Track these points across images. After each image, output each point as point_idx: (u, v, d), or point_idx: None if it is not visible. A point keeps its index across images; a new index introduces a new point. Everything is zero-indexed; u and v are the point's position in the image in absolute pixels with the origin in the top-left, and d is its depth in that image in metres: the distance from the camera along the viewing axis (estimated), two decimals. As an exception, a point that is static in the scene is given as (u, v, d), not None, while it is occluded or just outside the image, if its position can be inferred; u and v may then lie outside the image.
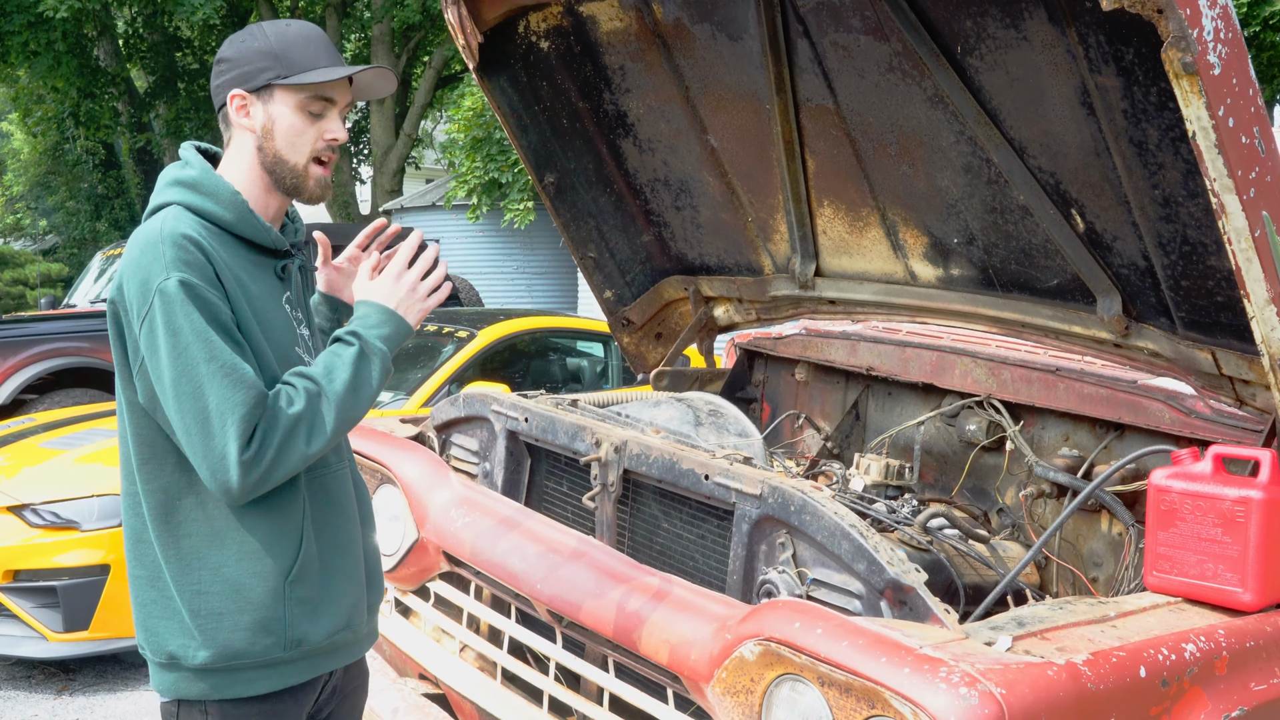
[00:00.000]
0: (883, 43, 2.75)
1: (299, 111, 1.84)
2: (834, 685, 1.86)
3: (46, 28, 15.19)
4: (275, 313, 1.87)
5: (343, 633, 1.91)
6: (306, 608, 1.83)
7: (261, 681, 1.82)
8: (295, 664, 1.85)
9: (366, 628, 2.00)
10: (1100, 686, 1.85)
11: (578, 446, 2.83)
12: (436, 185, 17.11)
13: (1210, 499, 2.16)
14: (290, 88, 1.83)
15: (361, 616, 1.96)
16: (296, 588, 1.82)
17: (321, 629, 1.86)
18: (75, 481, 4.55)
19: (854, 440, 3.68)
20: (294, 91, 1.84)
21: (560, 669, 2.60)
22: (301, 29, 1.86)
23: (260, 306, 1.82)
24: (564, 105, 3.57)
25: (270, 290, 1.88)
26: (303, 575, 1.83)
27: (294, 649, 1.83)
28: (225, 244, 1.81)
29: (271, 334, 1.83)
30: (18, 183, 25.48)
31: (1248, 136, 1.98)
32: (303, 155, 1.86)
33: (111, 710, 4.28)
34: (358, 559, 1.96)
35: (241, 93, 1.83)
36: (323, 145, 1.87)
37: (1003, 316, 3.09)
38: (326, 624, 1.87)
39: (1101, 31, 2.27)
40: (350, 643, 1.96)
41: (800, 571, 2.29)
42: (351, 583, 1.93)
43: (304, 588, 1.83)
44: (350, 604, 1.92)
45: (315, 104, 1.85)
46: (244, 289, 1.79)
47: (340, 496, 1.94)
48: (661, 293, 3.99)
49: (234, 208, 1.83)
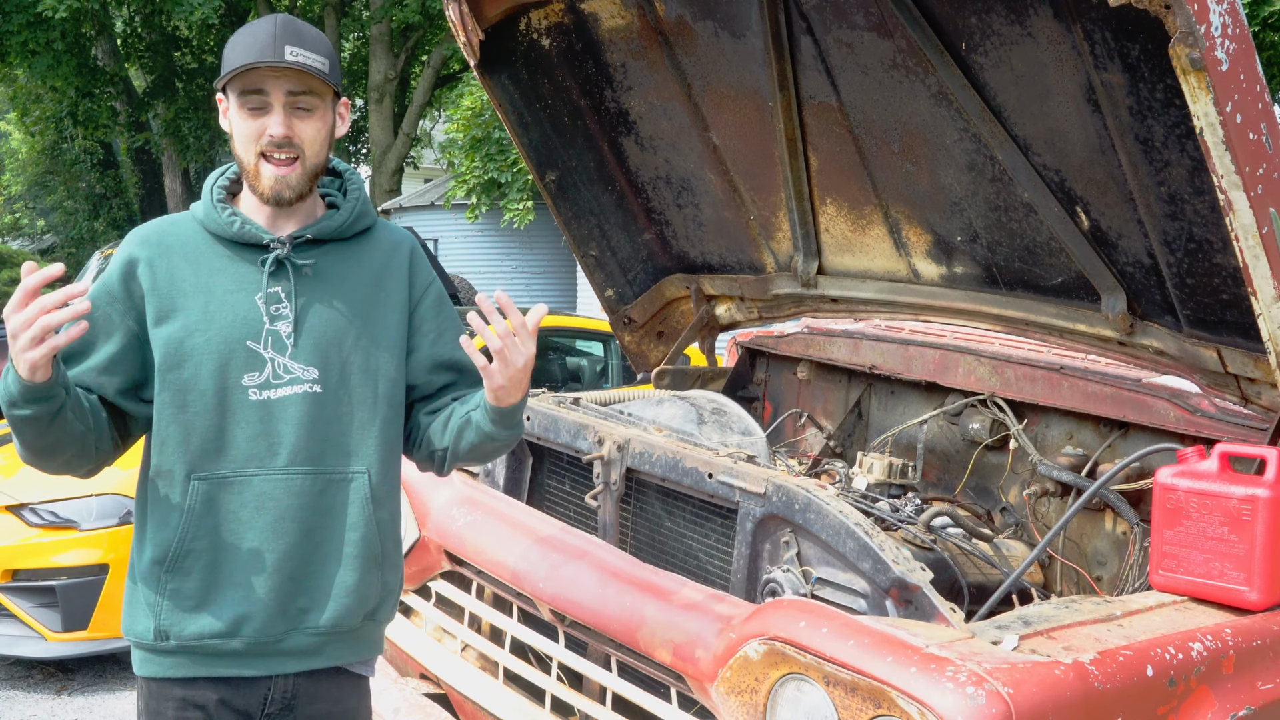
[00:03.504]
0: (886, 39, 2.74)
1: (241, 110, 1.84)
2: (839, 685, 1.85)
3: (46, 27, 15.18)
4: (233, 304, 1.86)
5: (225, 640, 1.83)
6: (177, 600, 1.83)
7: (147, 665, 1.88)
8: (173, 656, 1.86)
9: (289, 643, 1.88)
10: (1107, 686, 1.84)
11: (580, 445, 2.82)
12: (435, 185, 17.10)
13: (1216, 497, 2.15)
14: (231, 88, 1.84)
15: (257, 627, 1.84)
16: (172, 579, 1.83)
17: (194, 627, 1.82)
18: (74, 481, 4.52)
19: (856, 439, 3.67)
20: (232, 91, 1.85)
21: (562, 668, 2.58)
22: (254, 24, 1.84)
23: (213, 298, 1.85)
24: (565, 103, 3.56)
25: (237, 282, 1.87)
26: (178, 568, 1.83)
27: (163, 639, 1.84)
28: (202, 238, 1.89)
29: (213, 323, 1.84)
30: (16, 182, 25.47)
31: (1255, 133, 1.97)
32: (251, 154, 1.85)
33: (110, 710, 4.27)
34: (271, 571, 1.84)
35: (221, 97, 1.89)
36: (265, 141, 1.83)
37: (1006, 314, 3.08)
38: (202, 625, 1.82)
39: (1107, 27, 2.26)
40: (244, 653, 1.85)
41: (805, 570, 2.28)
42: (247, 592, 1.83)
43: (180, 581, 1.83)
44: (239, 613, 1.83)
45: (250, 99, 1.83)
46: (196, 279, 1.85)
47: (258, 504, 1.84)
48: (663, 291, 3.98)
49: (204, 206, 1.91)
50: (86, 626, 4.30)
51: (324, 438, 1.87)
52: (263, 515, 1.85)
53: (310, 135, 1.85)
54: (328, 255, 1.93)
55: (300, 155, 1.85)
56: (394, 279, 1.99)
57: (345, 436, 1.90)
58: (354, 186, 2.01)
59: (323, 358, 1.88)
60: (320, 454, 1.88)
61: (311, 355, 1.87)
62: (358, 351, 1.92)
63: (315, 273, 1.91)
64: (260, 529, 1.85)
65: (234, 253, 1.88)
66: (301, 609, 1.88)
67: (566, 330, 6.67)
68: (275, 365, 1.85)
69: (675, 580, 2.38)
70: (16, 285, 1.76)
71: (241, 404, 1.84)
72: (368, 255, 1.98)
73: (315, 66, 1.82)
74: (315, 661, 1.92)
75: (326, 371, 1.88)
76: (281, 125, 1.82)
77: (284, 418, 1.84)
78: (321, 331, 1.89)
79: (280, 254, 1.88)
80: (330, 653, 1.94)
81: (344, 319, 1.91)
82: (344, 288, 1.93)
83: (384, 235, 2.02)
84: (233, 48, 1.84)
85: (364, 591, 1.93)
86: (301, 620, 1.88)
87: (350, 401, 1.91)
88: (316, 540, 1.89)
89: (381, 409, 1.94)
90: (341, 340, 1.91)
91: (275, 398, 1.85)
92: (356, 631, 1.96)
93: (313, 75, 1.82)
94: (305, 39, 1.83)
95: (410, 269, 2.02)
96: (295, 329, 1.87)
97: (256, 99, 1.82)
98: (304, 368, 1.87)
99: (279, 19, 1.85)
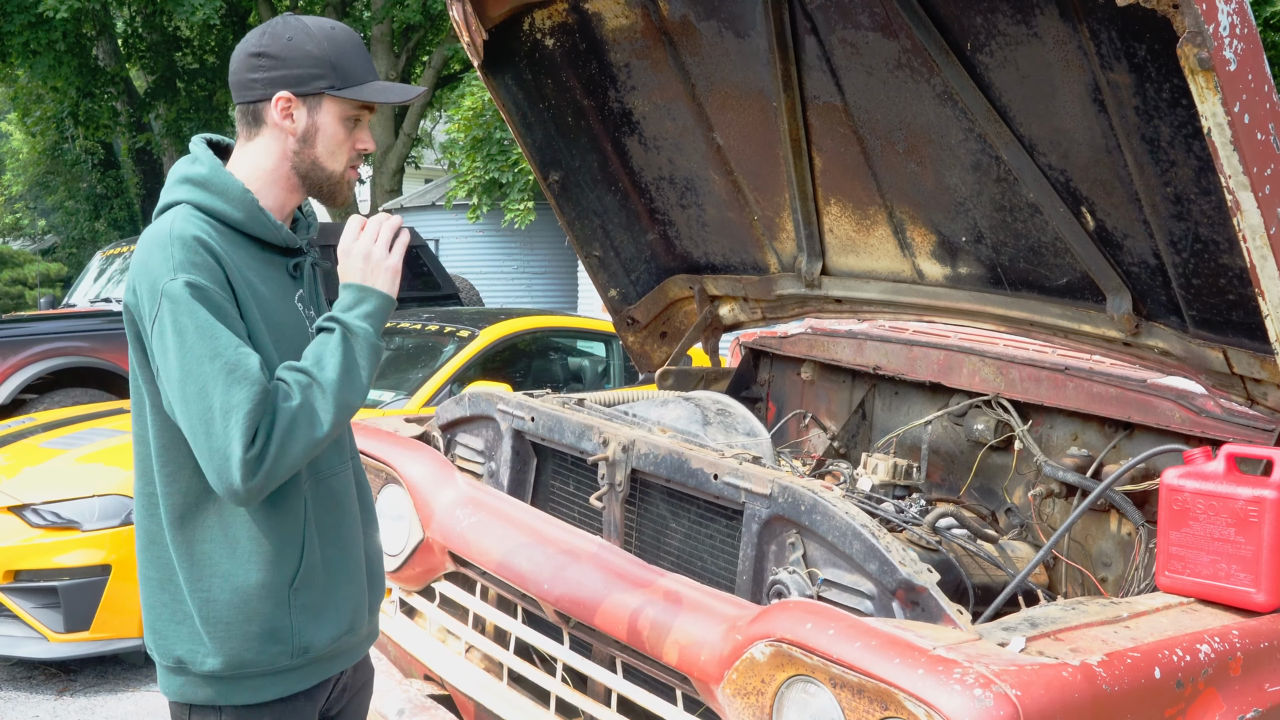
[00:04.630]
0: (891, 39, 2.74)
1: (342, 122, 1.85)
2: (846, 687, 1.84)
3: (47, 28, 15.17)
4: (287, 312, 1.85)
5: (347, 636, 1.91)
6: (311, 614, 1.83)
7: (270, 688, 1.82)
8: (302, 670, 1.85)
9: (368, 628, 2.00)
10: (1115, 688, 1.83)
11: (585, 446, 2.81)
12: (436, 185, 17.11)
13: (1223, 499, 2.15)
14: (340, 99, 1.83)
15: (364, 618, 1.96)
16: (301, 595, 1.81)
17: (326, 634, 1.86)
18: (76, 481, 4.53)
19: (861, 440, 3.66)
20: (342, 103, 1.84)
21: (567, 670, 2.58)
22: (348, 36, 1.85)
23: (271, 307, 1.80)
24: (569, 103, 3.56)
25: (282, 289, 1.86)
26: (306, 582, 1.82)
27: (301, 656, 1.82)
28: (235, 243, 1.79)
29: (282, 334, 1.81)
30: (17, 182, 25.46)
31: (1263, 133, 1.97)
32: (340, 164, 1.87)
33: (113, 711, 4.26)
34: (359, 561, 1.95)
35: (289, 95, 1.81)
36: (355, 154, 1.89)
37: (1011, 315, 3.07)
38: (331, 629, 1.87)
39: (1114, 27, 2.25)
40: (354, 645, 1.96)
41: (811, 572, 2.27)
42: (354, 586, 1.92)
43: (308, 594, 1.83)
44: (353, 607, 1.92)
45: (356, 114, 1.86)
46: (253, 290, 1.77)
47: (343, 499, 1.93)
48: (666, 291, 3.97)
49: (244, 206, 1.80)
50: (89, 627, 4.30)
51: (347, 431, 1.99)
52: (351, 506, 1.95)
53: None
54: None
55: None
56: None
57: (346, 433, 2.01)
58: None
59: None
60: (350, 446, 2.00)
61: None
62: None
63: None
64: (351, 520, 1.94)
65: (265, 256, 1.85)
66: (375, 593, 2.00)
67: (568, 330, 6.66)
68: None
69: (680, 582, 2.38)
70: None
71: None
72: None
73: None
74: (373, 641, 2.05)
75: None
76: (372, 140, 1.90)
77: None
78: None
79: (314, 259, 1.95)
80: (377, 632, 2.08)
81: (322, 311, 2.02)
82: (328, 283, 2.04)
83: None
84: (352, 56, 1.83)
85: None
86: (375, 603, 2.01)
87: None
88: (369, 526, 2.02)
89: None
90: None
91: None
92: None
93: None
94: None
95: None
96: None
97: (363, 115, 1.87)
98: None
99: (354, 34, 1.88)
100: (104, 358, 7.33)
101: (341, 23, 1.90)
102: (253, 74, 1.81)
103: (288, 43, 1.80)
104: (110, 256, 9.00)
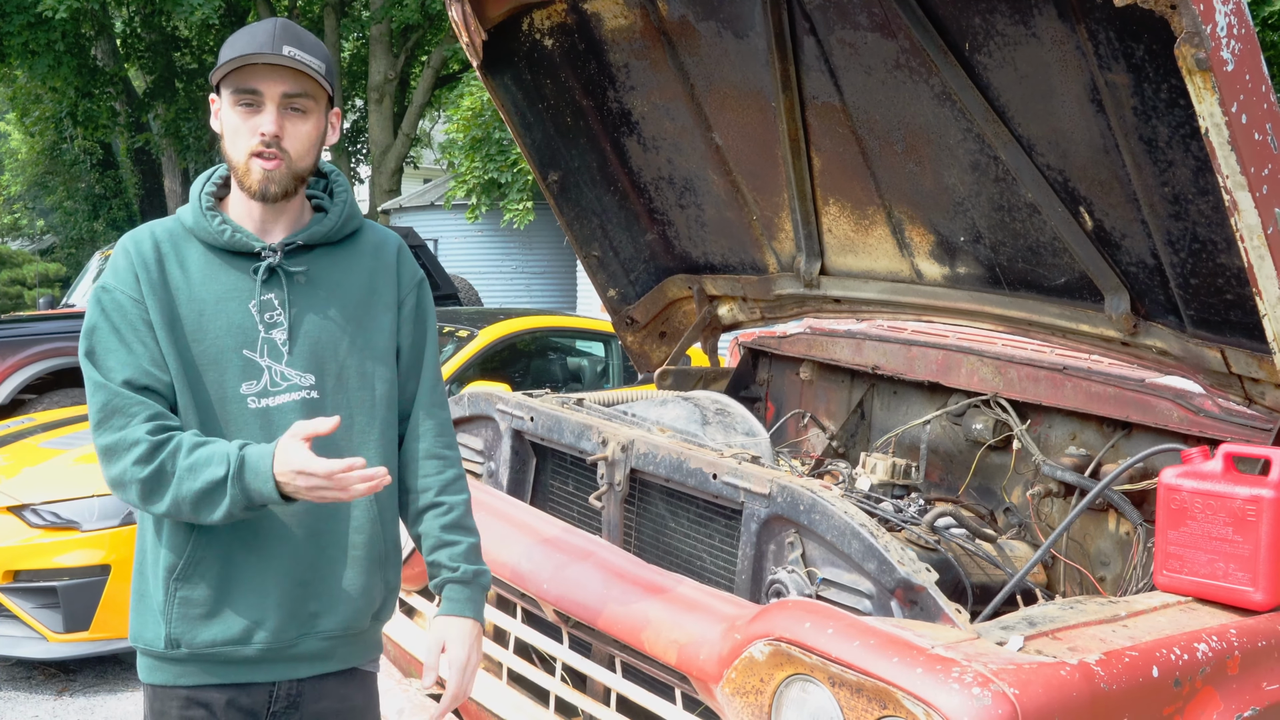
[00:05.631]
0: (890, 40, 2.74)
1: (234, 108, 1.83)
2: (845, 685, 1.84)
3: (46, 28, 15.17)
4: (227, 313, 1.84)
5: (238, 647, 1.83)
6: (191, 610, 1.82)
7: (157, 672, 1.87)
8: (184, 664, 1.85)
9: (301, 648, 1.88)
10: (1113, 687, 1.84)
11: (584, 446, 2.82)
12: (435, 185, 17.09)
13: (1221, 498, 2.15)
14: (225, 85, 1.83)
15: (281, 635, 1.85)
16: (182, 587, 1.82)
17: (206, 635, 1.82)
18: (75, 481, 4.53)
19: (859, 439, 3.66)
20: (226, 88, 1.83)
21: (566, 669, 2.58)
22: (253, 25, 1.84)
23: (206, 307, 1.83)
24: (568, 103, 3.56)
25: (229, 291, 1.85)
26: (189, 576, 1.82)
27: (174, 648, 1.83)
28: (192, 246, 1.87)
29: (208, 333, 1.82)
30: (15, 183, 25.45)
31: (1260, 133, 1.97)
32: (241, 150, 1.83)
33: (112, 711, 4.27)
34: (280, 577, 1.84)
35: (214, 96, 1.87)
36: (256, 141, 1.81)
37: (1010, 315, 3.07)
38: (214, 632, 1.82)
39: (1112, 28, 2.26)
40: (258, 660, 1.85)
41: (810, 571, 2.28)
42: (259, 599, 1.83)
43: (190, 589, 1.82)
44: (252, 620, 1.83)
45: (243, 97, 1.81)
46: (189, 289, 1.83)
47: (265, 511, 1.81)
48: (665, 291, 3.98)
49: (193, 214, 1.88)
50: (88, 627, 4.30)
51: (324, 443, 1.81)
52: (270, 522, 1.84)
53: (300, 136, 1.84)
54: (319, 260, 1.92)
55: (285, 157, 1.83)
56: (384, 280, 1.98)
57: (346, 440, 1.89)
58: (340, 188, 1.99)
59: (318, 364, 1.88)
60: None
61: (307, 362, 1.87)
62: (353, 356, 1.91)
63: (308, 279, 1.90)
64: (269, 536, 1.85)
65: (224, 260, 1.86)
66: (312, 613, 1.88)
67: (567, 330, 6.66)
68: (272, 373, 1.85)
69: (680, 581, 2.38)
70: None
71: (241, 413, 1.83)
72: (357, 258, 1.97)
73: (312, 65, 1.82)
74: (326, 665, 1.93)
75: (323, 377, 1.88)
76: (273, 124, 1.81)
77: (284, 425, 1.82)
78: (316, 337, 1.88)
79: (273, 262, 1.86)
80: (340, 655, 1.95)
81: (338, 324, 1.90)
82: (337, 292, 1.92)
83: (371, 236, 2.02)
84: (230, 45, 1.84)
85: (371, 593, 1.94)
86: (313, 624, 1.88)
87: (349, 405, 1.90)
88: (323, 544, 1.89)
89: (380, 412, 1.94)
90: (337, 345, 1.90)
91: (274, 405, 1.84)
92: (364, 633, 1.97)
93: (308, 76, 1.81)
94: (304, 42, 1.83)
95: (398, 268, 2.02)
96: (290, 336, 1.86)
97: (251, 96, 1.81)
98: (300, 374, 1.86)
99: (279, 22, 1.85)
100: (103, 358, 7.31)
101: (277, 20, 1.87)
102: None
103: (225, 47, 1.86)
104: (108, 256, 9.00)
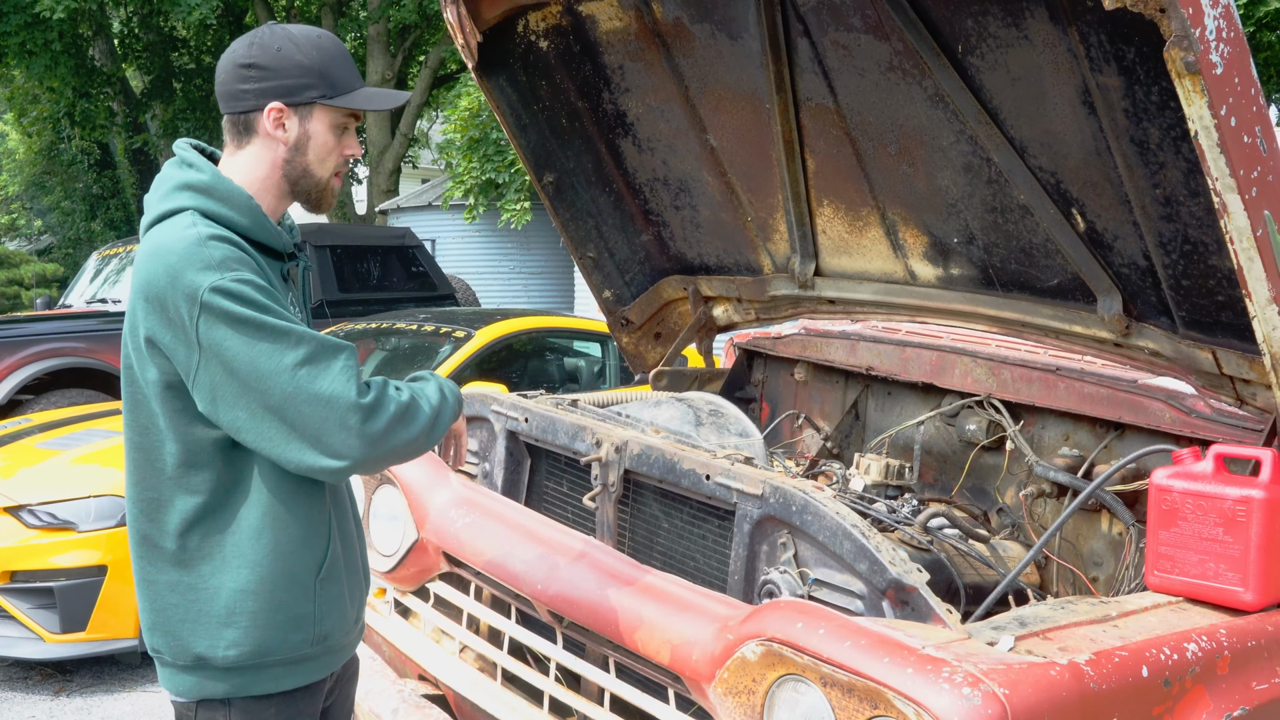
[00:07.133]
0: (883, 42, 2.75)
1: (332, 129, 1.88)
2: (836, 686, 1.85)
3: (43, 28, 15.17)
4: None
5: (355, 627, 2.00)
6: (333, 604, 1.89)
7: (288, 678, 1.86)
8: (319, 659, 1.91)
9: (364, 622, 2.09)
10: (1103, 686, 1.85)
11: (578, 446, 2.83)
12: (433, 185, 17.10)
13: (1212, 498, 2.16)
14: (330, 108, 1.87)
15: (363, 611, 2.05)
16: (326, 585, 1.88)
17: (344, 624, 1.93)
18: (72, 482, 4.53)
19: (853, 440, 3.67)
20: (333, 111, 1.87)
21: (561, 669, 2.59)
22: (334, 44, 1.88)
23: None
24: (563, 105, 3.57)
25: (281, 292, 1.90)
26: (331, 573, 1.89)
27: (319, 644, 1.88)
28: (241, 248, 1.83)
29: None
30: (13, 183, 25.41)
31: (1250, 136, 1.98)
32: (328, 170, 1.91)
33: (109, 711, 4.27)
34: (360, 557, 2.03)
35: (281, 105, 1.83)
36: (342, 161, 1.93)
37: (1003, 316, 3.08)
38: (349, 619, 1.95)
39: (1103, 31, 2.27)
40: (357, 637, 2.04)
41: (802, 571, 2.29)
42: (361, 578, 2.02)
43: (332, 585, 1.89)
44: (362, 599, 2.01)
45: (345, 121, 1.90)
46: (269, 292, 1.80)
47: (347, 496, 2.01)
48: (660, 292, 3.98)
49: (249, 212, 1.82)
50: (85, 628, 4.31)
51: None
52: (344, 508, 1.99)
53: None
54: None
55: None
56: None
57: None
58: None
59: None
60: None
61: None
62: None
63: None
64: (355, 517, 2.03)
65: (266, 261, 1.87)
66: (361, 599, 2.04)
67: (564, 331, 6.66)
68: None
69: (673, 581, 2.39)
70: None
71: None
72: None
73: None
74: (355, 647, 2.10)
75: None
76: (359, 146, 1.94)
77: None
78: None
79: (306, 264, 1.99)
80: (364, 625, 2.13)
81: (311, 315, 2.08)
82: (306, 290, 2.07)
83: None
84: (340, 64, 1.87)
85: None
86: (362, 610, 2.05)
87: None
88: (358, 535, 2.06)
89: None
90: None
91: None
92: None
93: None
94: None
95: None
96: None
97: (350, 122, 1.91)
98: None
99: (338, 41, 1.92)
100: (100, 358, 7.32)
101: (326, 30, 1.93)
102: (243, 85, 1.83)
103: (277, 53, 1.82)
104: (106, 257, 8.99)
